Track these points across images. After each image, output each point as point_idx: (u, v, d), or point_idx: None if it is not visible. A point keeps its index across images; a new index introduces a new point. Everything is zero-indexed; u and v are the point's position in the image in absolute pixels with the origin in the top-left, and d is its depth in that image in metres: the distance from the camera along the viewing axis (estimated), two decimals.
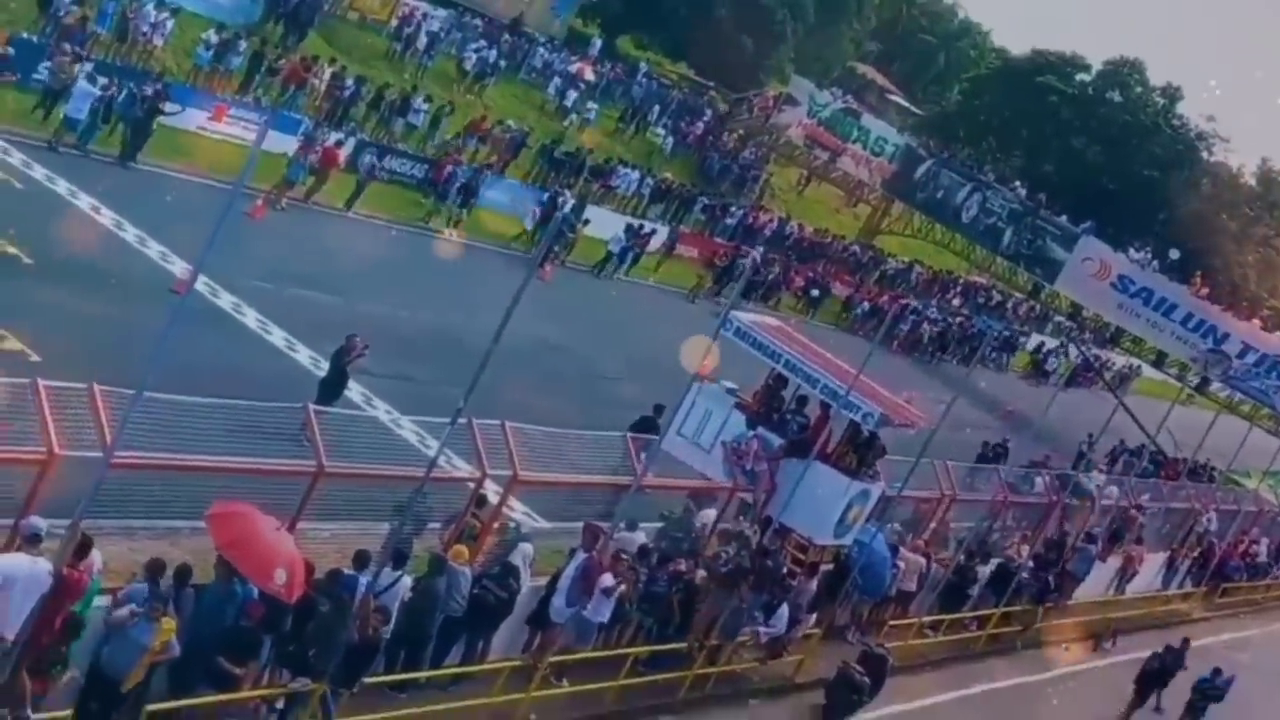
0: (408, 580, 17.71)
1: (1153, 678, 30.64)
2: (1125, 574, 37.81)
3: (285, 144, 37.19)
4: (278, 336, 28.43)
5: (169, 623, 14.34)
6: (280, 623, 15.92)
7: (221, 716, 15.55)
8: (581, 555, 20.16)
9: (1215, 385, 57.33)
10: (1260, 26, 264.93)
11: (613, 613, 20.44)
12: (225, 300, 28.42)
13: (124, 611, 14.26)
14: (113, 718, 14.43)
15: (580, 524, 20.94)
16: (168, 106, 35.22)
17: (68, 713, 14.30)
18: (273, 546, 15.40)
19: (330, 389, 24.36)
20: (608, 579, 19.94)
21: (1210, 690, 30.36)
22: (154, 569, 14.90)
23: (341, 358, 24.73)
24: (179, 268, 28.48)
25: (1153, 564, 39.57)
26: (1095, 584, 35.96)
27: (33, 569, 13.49)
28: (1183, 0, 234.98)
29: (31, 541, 13.76)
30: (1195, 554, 41.87)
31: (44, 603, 13.53)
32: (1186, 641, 31.34)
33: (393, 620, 17.17)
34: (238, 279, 28.69)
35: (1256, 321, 58.27)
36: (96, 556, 14.55)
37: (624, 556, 20.78)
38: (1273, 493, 51.12)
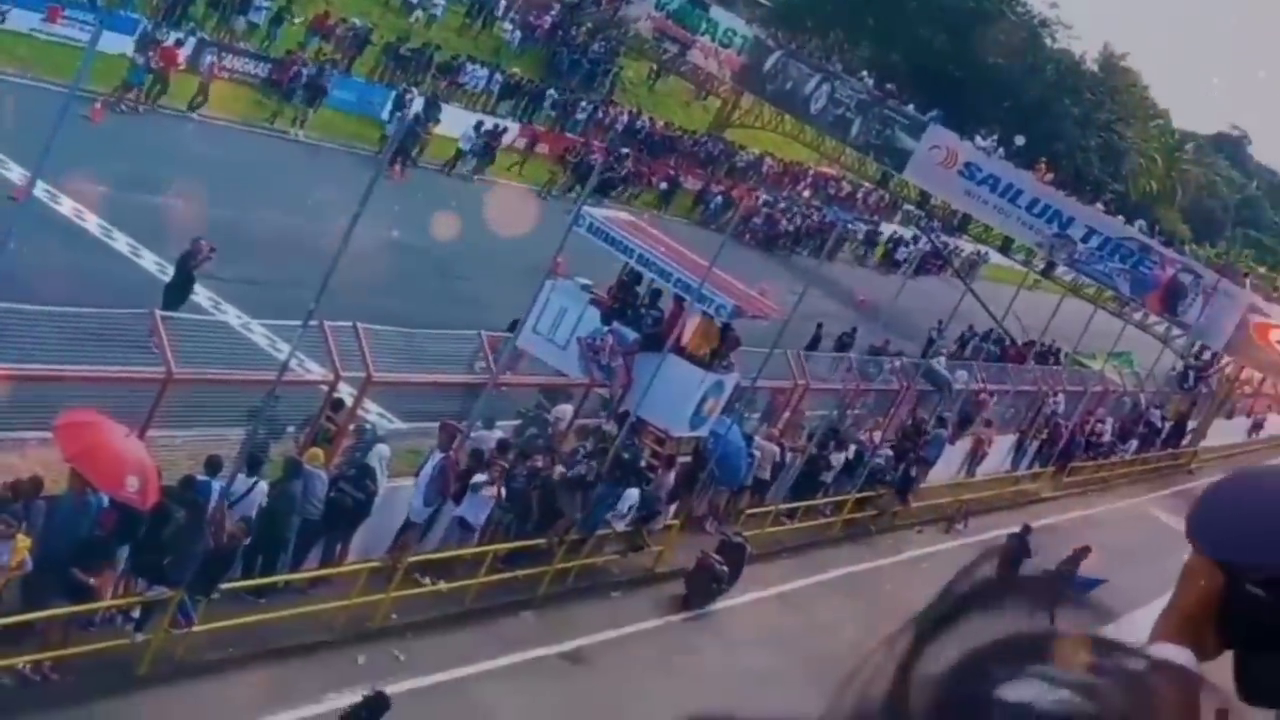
0: (264, 485, 17.60)
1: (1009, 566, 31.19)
2: (975, 456, 38.59)
3: (123, 45, 36.28)
4: (121, 242, 27.89)
5: (24, 540, 14.14)
6: (134, 531, 15.76)
7: (78, 627, 15.41)
8: (438, 455, 20.16)
9: (1060, 270, 58.26)
10: None
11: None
12: (66, 206, 27.79)
13: None
14: None
15: (437, 424, 20.91)
16: None
17: None
18: (123, 454, 15.21)
19: (177, 294, 23.99)
20: (481, 479, 20.05)
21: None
22: (16, 489, 14.66)
23: (188, 262, 24.35)
24: (16, 174, 27.75)
25: (1002, 446, 40.41)
26: (946, 467, 36.67)
27: None
28: None
29: None
30: (1043, 435, 42.79)
31: None
32: (1028, 528, 31.64)
33: (250, 525, 17.08)
34: (79, 184, 28.02)
35: (1100, 206, 59.28)
36: None
37: (497, 460, 20.90)
38: (1117, 373, 52.28)
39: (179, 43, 39.19)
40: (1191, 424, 56.46)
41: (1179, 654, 1.88)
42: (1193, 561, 1.99)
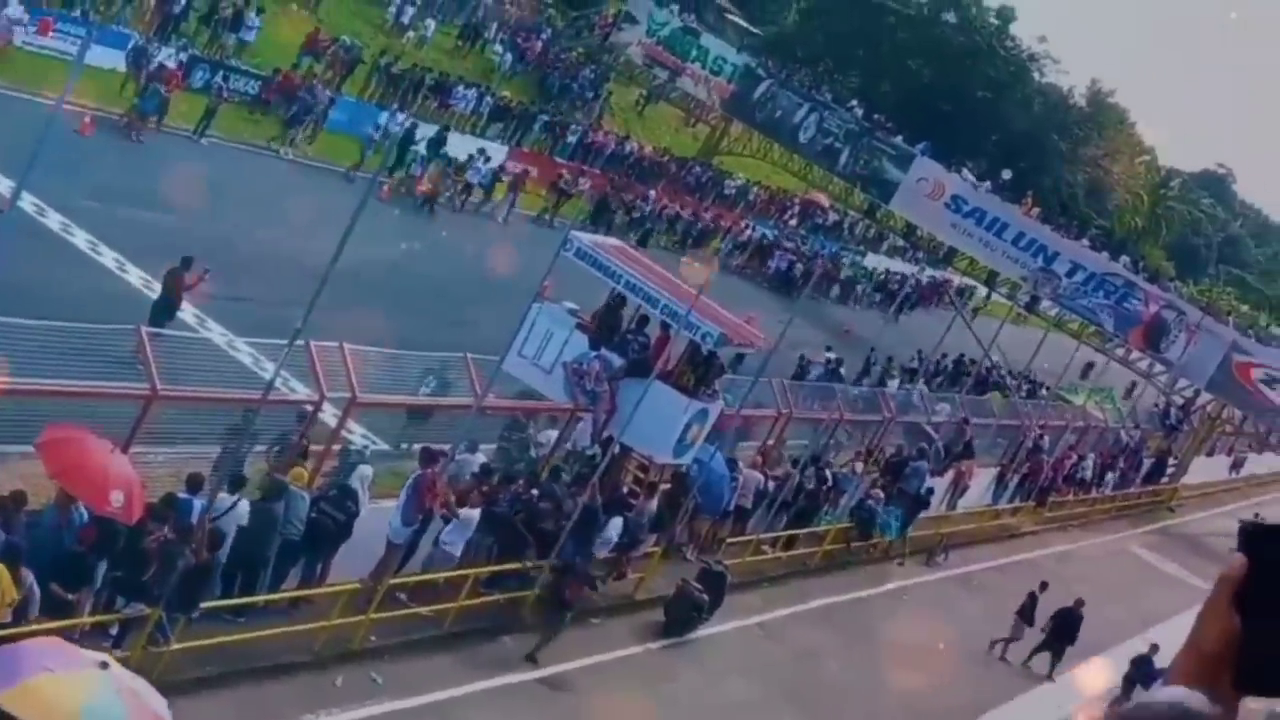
0: (245, 504, 17.55)
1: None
2: (957, 488, 38.59)
3: (113, 59, 36.31)
4: (108, 257, 27.84)
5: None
6: (114, 547, 15.70)
7: None
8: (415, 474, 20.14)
9: (1045, 304, 58.42)
10: None
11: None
12: (53, 219, 27.74)
13: None
14: None
15: (420, 446, 20.92)
16: None
17: None
18: (108, 469, 15.15)
19: (162, 311, 23.92)
20: (466, 511, 20.08)
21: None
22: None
23: (174, 278, 24.25)
24: (2, 186, 27.68)
25: (983, 479, 40.43)
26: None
27: None
28: None
29: None
30: (1024, 469, 42.84)
31: None
32: (1155, 647, 28.89)
33: (228, 544, 17.02)
34: (66, 198, 27.99)
35: (1085, 241, 59.47)
36: None
37: (479, 484, 20.92)
38: (1099, 409, 52.45)
39: (181, 64, 39.24)
40: (1172, 461, 56.54)
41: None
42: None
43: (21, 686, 11.01)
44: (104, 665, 11.58)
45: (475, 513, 20.54)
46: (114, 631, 16.18)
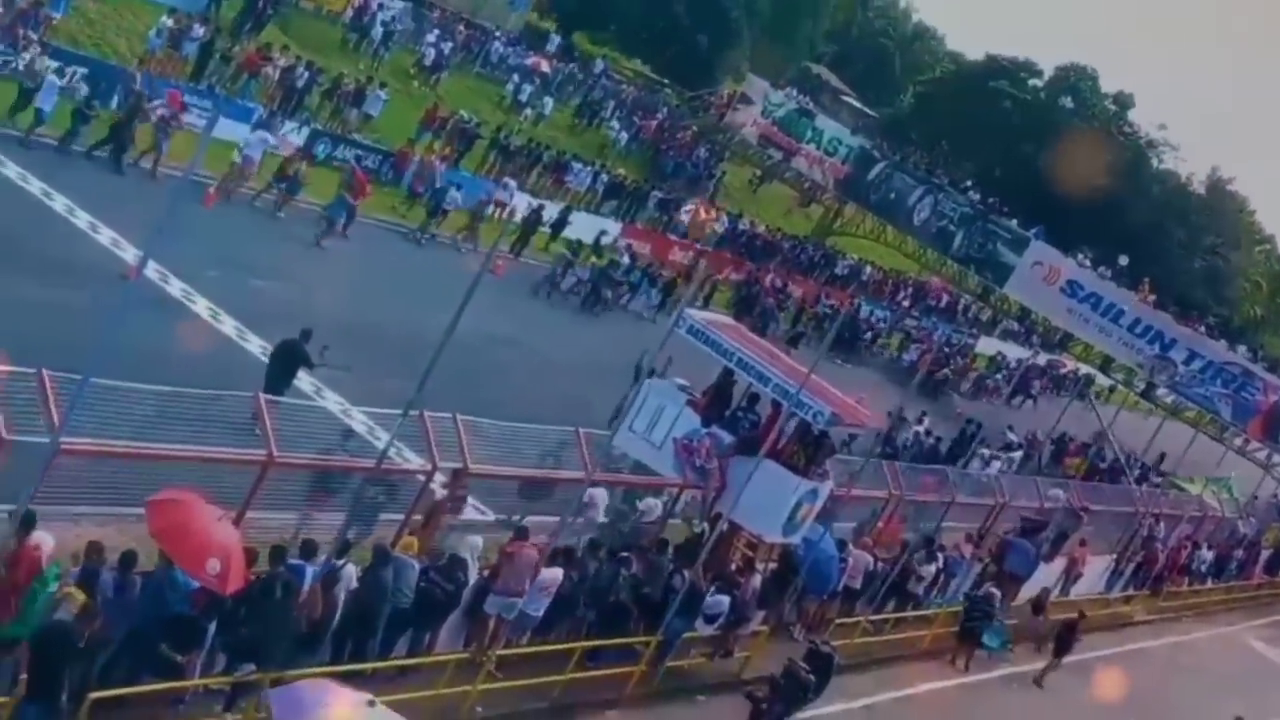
0: (352, 569, 17.65)
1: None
2: (1070, 575, 38.05)
3: (238, 132, 37.02)
4: (229, 325, 28.29)
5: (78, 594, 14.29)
6: (224, 610, 15.83)
7: (167, 704, 15.49)
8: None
9: (1161, 391, 57.65)
10: (1212, 37, 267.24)
11: (557, 606, 20.54)
12: (176, 287, 28.26)
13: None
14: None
15: (530, 517, 21.01)
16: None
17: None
18: (209, 535, 15.21)
19: (279, 379, 24.21)
20: (546, 575, 20.04)
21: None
22: (90, 552, 14.81)
23: (295, 347, 24.50)
24: (130, 254, 28.29)
25: (1097, 566, 39.84)
26: (1040, 585, 36.11)
27: None
28: (1137, 10, 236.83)
29: None
30: (1139, 557, 42.17)
31: None
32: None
33: (338, 611, 17.14)
34: (190, 267, 28.51)
35: (1202, 328, 58.74)
36: (48, 539, 14.34)
37: (572, 549, 20.91)
38: (1216, 498, 51.56)
39: (367, 171, 40.48)
40: None
41: None
42: None
43: None
44: (371, 703, 13.71)
45: (558, 573, 20.43)
46: (226, 692, 16.32)
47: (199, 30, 41.76)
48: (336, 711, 13.41)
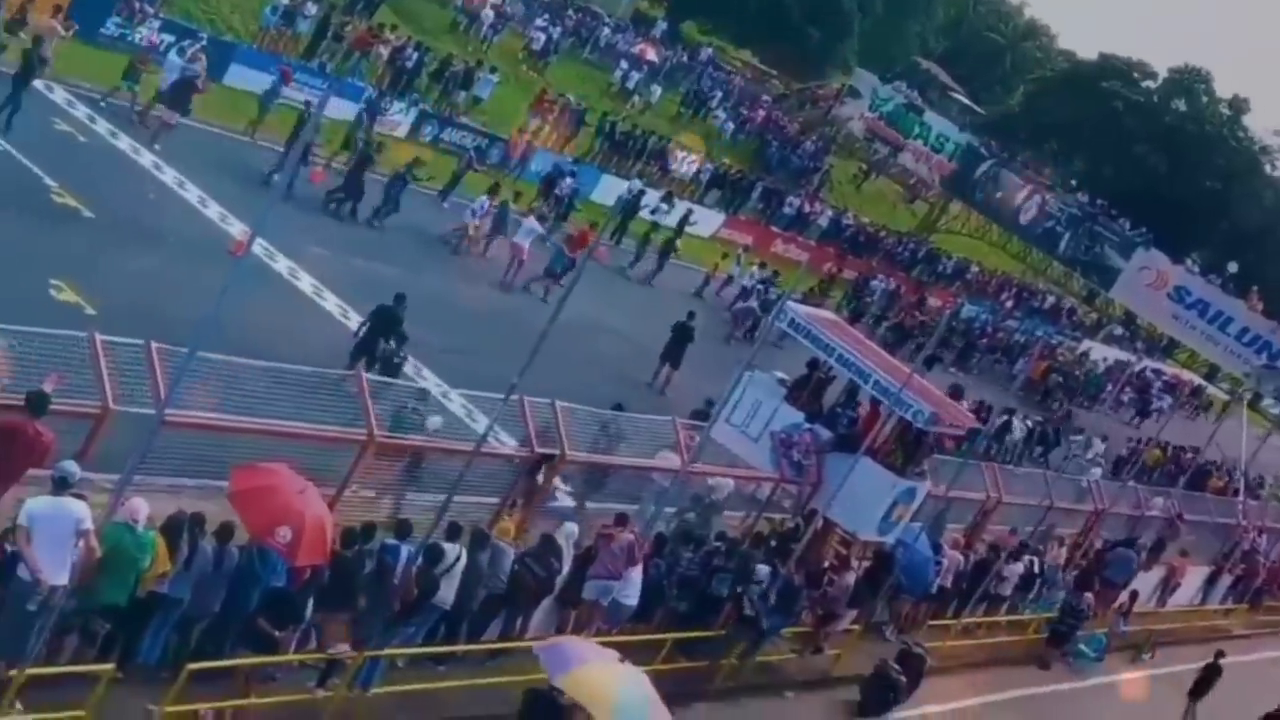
0: (457, 551, 17.67)
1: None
2: (1168, 585, 37.52)
3: (347, 110, 37.27)
4: (331, 303, 28.46)
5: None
6: (321, 586, 15.87)
7: (261, 677, 15.59)
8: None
9: (1267, 401, 56.82)
10: None
11: (647, 596, 20.48)
12: (282, 264, 28.46)
13: None
14: None
15: (624, 506, 20.99)
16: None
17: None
18: (286, 504, 15.14)
19: (370, 341, 24.56)
20: (637, 568, 20.01)
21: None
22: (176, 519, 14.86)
23: (391, 312, 24.71)
24: (237, 229, 28.50)
25: (1195, 577, 39.25)
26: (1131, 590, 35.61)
27: (55, 511, 13.29)
28: (1254, 11, 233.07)
29: (59, 485, 13.54)
30: (1239, 569, 41.50)
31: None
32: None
33: (438, 592, 17.21)
34: (296, 243, 28.72)
35: None
36: (144, 505, 14.34)
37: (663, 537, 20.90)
38: None
39: (591, 225, 38.43)
40: None
41: None
42: None
43: (573, 673, 15.65)
44: (621, 660, 16.15)
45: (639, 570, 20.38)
46: (321, 668, 16.41)
47: (312, 8, 42.03)
48: (595, 664, 15.80)
